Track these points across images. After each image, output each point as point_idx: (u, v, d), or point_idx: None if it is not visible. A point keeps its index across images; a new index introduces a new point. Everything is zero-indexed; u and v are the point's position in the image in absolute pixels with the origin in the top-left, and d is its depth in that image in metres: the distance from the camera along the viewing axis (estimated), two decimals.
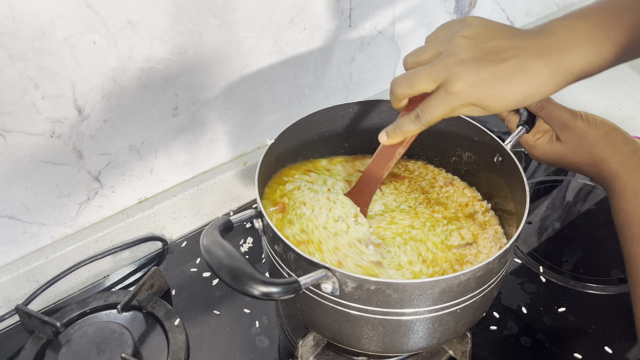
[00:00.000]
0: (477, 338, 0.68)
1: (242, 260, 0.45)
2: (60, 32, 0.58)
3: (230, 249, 0.46)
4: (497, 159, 0.64)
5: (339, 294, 0.49)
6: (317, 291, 0.51)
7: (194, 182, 0.81)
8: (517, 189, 0.59)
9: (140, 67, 0.66)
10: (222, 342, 0.68)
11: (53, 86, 0.61)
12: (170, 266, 0.78)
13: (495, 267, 0.51)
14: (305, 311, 0.56)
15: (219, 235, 0.48)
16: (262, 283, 0.43)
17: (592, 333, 0.68)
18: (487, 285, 0.52)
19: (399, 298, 0.49)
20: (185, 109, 0.74)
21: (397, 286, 0.48)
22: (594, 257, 0.79)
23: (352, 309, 0.51)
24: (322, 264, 0.48)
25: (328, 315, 0.53)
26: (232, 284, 0.43)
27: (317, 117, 0.68)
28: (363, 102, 0.69)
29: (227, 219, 0.53)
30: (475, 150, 0.68)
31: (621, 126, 1.07)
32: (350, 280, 0.48)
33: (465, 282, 0.49)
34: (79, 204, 0.71)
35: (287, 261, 0.53)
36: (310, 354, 0.64)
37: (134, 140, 0.71)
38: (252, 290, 0.42)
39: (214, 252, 0.46)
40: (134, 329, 0.67)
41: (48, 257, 0.70)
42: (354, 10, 0.84)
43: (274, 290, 0.43)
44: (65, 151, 0.66)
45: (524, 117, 0.63)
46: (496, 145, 0.63)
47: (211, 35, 0.70)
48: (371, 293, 0.49)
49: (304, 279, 0.46)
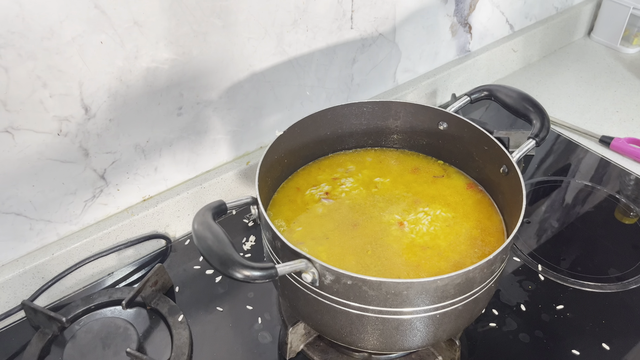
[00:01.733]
0: (476, 334, 0.69)
1: (229, 246, 0.48)
2: (69, 32, 0.59)
3: (219, 233, 0.49)
4: (503, 170, 0.64)
5: (319, 285, 0.51)
6: (300, 280, 0.52)
7: (197, 180, 0.82)
8: (514, 204, 0.60)
9: (146, 67, 0.67)
10: (224, 338, 0.69)
11: (61, 85, 0.62)
12: (174, 263, 0.79)
13: (477, 276, 0.51)
14: (292, 299, 0.58)
15: (210, 217, 0.52)
16: (244, 267, 0.47)
17: (590, 330, 0.69)
18: (470, 293, 0.52)
19: (375, 296, 0.50)
20: (189, 108, 0.75)
21: (373, 283, 0.49)
22: (591, 255, 0.80)
23: (332, 301, 0.52)
24: (304, 254, 0.50)
25: (310, 304, 0.55)
26: (220, 268, 0.47)
27: (329, 113, 0.70)
28: (379, 102, 0.72)
29: (220, 201, 0.55)
30: (485, 158, 0.68)
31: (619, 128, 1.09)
32: (328, 272, 0.49)
33: (443, 288, 0.49)
34: (84, 202, 0.72)
35: (275, 248, 0.55)
36: (301, 342, 0.66)
37: (139, 139, 0.72)
38: (236, 274, 0.46)
39: (204, 237, 0.49)
40: (138, 324, 0.68)
41: (54, 253, 0.71)
42: (355, 12, 0.85)
43: (254, 274, 0.47)
44: (71, 149, 0.67)
45: (536, 129, 0.62)
46: (503, 156, 0.64)
47: (215, 36, 0.71)
48: (348, 287, 0.50)
49: (281, 266, 0.48)
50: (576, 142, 1.02)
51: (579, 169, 0.97)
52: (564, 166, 0.97)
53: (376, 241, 0.63)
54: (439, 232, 0.64)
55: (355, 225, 0.65)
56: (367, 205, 0.68)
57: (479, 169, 0.70)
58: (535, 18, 1.21)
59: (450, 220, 0.66)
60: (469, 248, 0.62)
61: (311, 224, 0.65)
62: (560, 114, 1.09)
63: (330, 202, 0.68)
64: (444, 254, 0.61)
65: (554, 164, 0.98)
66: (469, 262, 0.61)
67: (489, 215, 0.67)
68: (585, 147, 1.01)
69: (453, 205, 0.68)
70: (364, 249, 0.62)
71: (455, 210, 0.67)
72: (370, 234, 0.64)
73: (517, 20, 1.18)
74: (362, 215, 0.66)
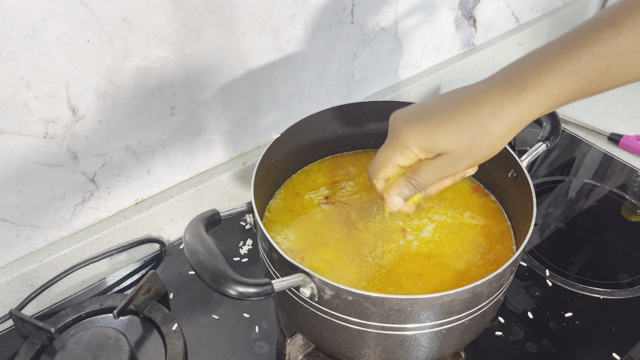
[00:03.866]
0: (482, 344, 0.66)
1: (222, 260, 0.46)
2: (53, 30, 0.56)
3: (211, 247, 0.47)
4: (511, 175, 0.62)
5: (318, 299, 0.48)
6: (298, 294, 0.49)
7: (192, 182, 0.79)
8: (523, 210, 0.58)
9: (136, 66, 0.64)
10: (220, 348, 0.66)
11: (46, 86, 0.59)
12: (168, 268, 0.76)
13: (485, 290, 0.49)
14: (290, 312, 0.55)
15: (202, 229, 0.49)
16: (237, 283, 0.44)
17: (600, 339, 0.67)
18: (477, 308, 0.50)
19: (377, 312, 0.47)
20: (182, 108, 0.72)
21: (375, 300, 0.46)
22: (601, 260, 0.77)
23: (331, 316, 0.50)
24: (302, 268, 0.47)
25: (309, 319, 0.52)
26: (212, 285, 0.44)
27: (328, 114, 0.67)
28: (380, 102, 0.69)
29: (214, 211, 0.53)
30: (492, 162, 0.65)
31: (628, 124, 1.06)
32: (328, 288, 0.47)
33: (449, 304, 0.47)
34: (74, 206, 0.70)
35: (272, 260, 0.52)
36: (300, 353, 0.64)
37: (130, 141, 0.69)
38: (229, 291, 0.44)
39: (195, 251, 0.47)
40: (131, 334, 0.66)
41: (42, 260, 0.69)
42: (356, 7, 0.82)
43: (249, 290, 0.44)
44: (59, 152, 0.64)
45: (546, 131, 0.60)
46: (512, 160, 0.61)
47: (209, 33, 0.68)
48: (349, 303, 0.47)
49: (278, 282, 0.46)
50: (583, 139, 0.99)
51: (586, 167, 0.94)
52: (571, 165, 0.94)
53: (378, 249, 0.60)
54: (443, 240, 0.61)
55: (356, 232, 0.62)
56: (369, 210, 0.65)
57: (485, 172, 0.67)
58: (541, 10, 1.17)
59: (455, 227, 0.63)
60: (474, 256, 0.60)
61: (309, 231, 0.63)
62: (567, 110, 1.05)
63: (329, 207, 0.66)
64: (448, 263, 0.59)
65: (560, 162, 0.95)
66: (474, 271, 0.58)
67: (495, 221, 0.64)
68: (593, 144, 0.98)
69: (457, 210, 0.65)
70: (365, 258, 0.59)
71: (460, 216, 0.64)
72: (372, 241, 0.61)
73: (523, 13, 1.14)
74: (363, 221, 0.64)
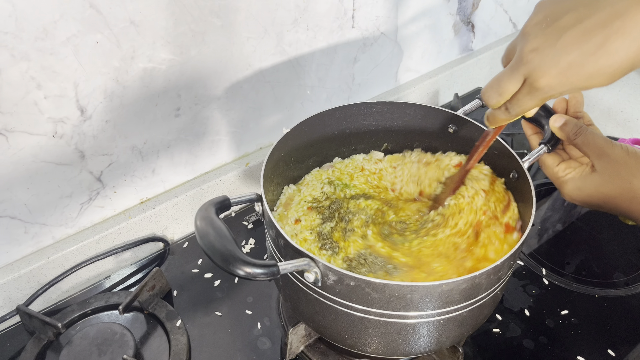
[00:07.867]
0: (480, 340, 0.67)
1: (231, 242, 0.48)
2: (63, 32, 0.58)
3: (221, 229, 0.49)
4: (512, 175, 0.63)
5: (321, 285, 0.50)
6: (302, 279, 0.51)
7: (195, 182, 0.81)
8: (523, 209, 0.59)
9: (143, 68, 0.66)
10: (223, 344, 0.67)
11: (55, 86, 0.60)
12: (172, 267, 0.78)
13: (484, 282, 0.50)
14: (293, 299, 0.56)
15: (213, 212, 0.51)
16: (246, 264, 0.46)
17: (595, 336, 0.68)
18: (475, 299, 0.51)
19: (378, 298, 0.48)
20: (187, 109, 0.73)
21: (376, 285, 0.47)
22: (596, 259, 0.78)
23: (334, 302, 0.51)
24: (307, 253, 0.49)
25: (312, 305, 0.54)
26: (221, 264, 0.46)
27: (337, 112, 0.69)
28: (388, 102, 0.70)
29: (224, 197, 0.55)
30: (494, 163, 0.66)
31: (623, 128, 1.07)
32: (331, 272, 0.48)
33: (448, 293, 0.48)
34: (80, 204, 0.71)
35: (278, 246, 0.54)
36: (301, 344, 0.65)
37: (136, 141, 0.71)
38: (237, 271, 0.46)
39: (206, 233, 0.49)
40: (135, 330, 0.67)
41: (49, 257, 0.70)
42: (357, 11, 0.84)
43: (256, 271, 0.46)
44: (67, 151, 0.65)
45: (547, 135, 0.60)
46: (514, 162, 0.62)
47: (214, 36, 0.70)
48: (351, 289, 0.48)
49: (284, 264, 0.47)
50: None
51: None
52: None
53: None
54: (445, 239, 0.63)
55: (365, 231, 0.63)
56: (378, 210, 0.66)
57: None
58: None
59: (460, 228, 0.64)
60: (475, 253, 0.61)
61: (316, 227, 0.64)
62: None
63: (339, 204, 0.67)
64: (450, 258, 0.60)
65: None
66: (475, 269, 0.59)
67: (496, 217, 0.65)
68: None
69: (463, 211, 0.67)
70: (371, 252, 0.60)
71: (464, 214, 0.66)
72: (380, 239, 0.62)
73: (520, 19, 1.16)
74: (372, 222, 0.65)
